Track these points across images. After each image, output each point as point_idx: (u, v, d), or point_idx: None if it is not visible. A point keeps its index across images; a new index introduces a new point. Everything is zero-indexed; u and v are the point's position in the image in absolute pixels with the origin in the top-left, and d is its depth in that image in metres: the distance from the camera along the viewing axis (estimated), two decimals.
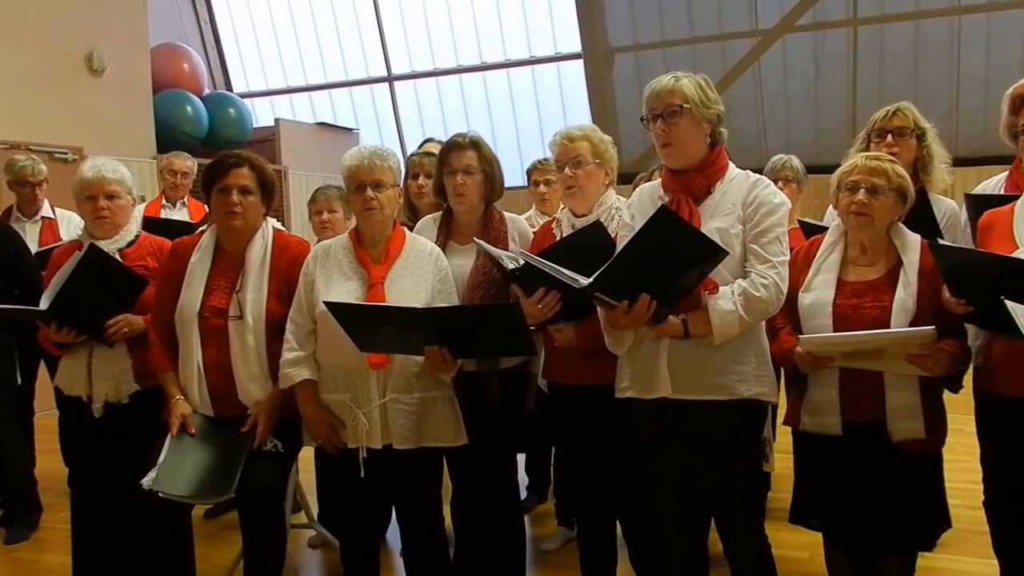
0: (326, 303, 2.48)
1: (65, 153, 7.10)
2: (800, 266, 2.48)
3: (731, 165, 2.43)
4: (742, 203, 2.33)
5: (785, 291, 2.30)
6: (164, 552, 2.73)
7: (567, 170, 2.70)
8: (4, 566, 3.77)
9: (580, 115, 8.95)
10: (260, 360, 2.69)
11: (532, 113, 9.72)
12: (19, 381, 4.09)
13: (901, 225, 2.41)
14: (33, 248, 4.16)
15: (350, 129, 10.27)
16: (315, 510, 3.81)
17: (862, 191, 2.34)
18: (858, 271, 2.40)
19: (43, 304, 2.82)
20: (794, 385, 2.47)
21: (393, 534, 3.19)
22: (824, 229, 2.71)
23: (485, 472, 2.87)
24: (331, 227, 3.66)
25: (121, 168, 3.05)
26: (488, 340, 2.51)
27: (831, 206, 3.34)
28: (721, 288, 2.27)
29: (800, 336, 2.33)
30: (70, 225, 4.56)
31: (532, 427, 3.09)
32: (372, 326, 2.46)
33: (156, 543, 2.71)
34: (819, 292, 2.39)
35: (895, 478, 2.32)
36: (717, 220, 2.32)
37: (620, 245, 2.43)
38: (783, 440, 3.56)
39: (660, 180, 2.50)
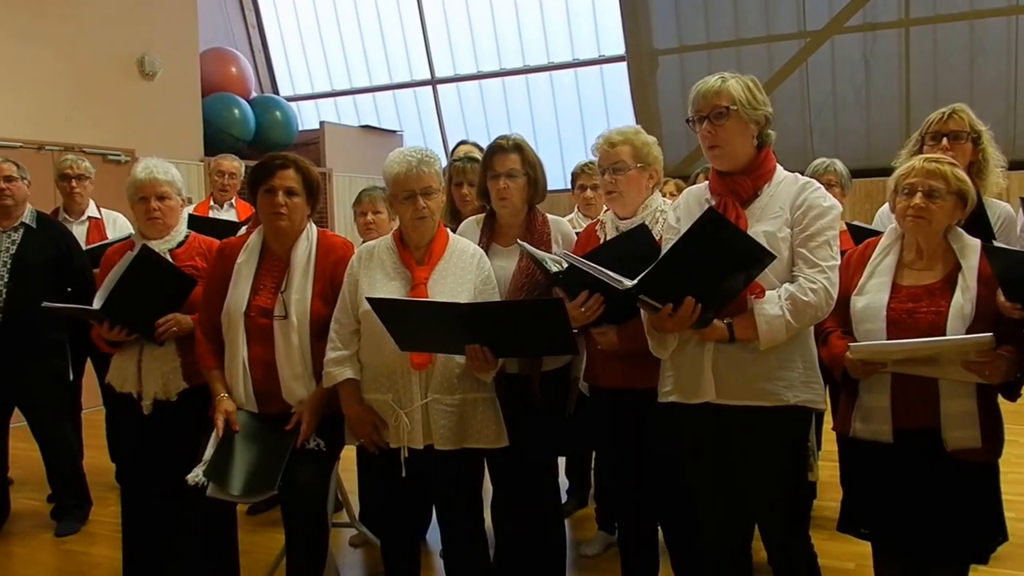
0: (368, 299, 2.49)
1: (118, 155, 7.25)
2: (853, 269, 2.43)
3: (779, 168, 2.39)
4: (790, 206, 2.29)
5: (835, 297, 2.25)
6: (209, 547, 2.76)
7: (607, 176, 2.68)
8: (55, 558, 3.85)
9: (623, 118, 8.86)
10: (304, 359, 2.71)
11: (575, 116, 9.68)
12: (71, 377, 4.18)
13: (959, 229, 2.35)
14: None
15: (394, 131, 10.33)
16: (356, 509, 3.83)
17: (919, 194, 2.28)
18: (914, 275, 2.34)
19: (96, 303, 2.88)
20: (845, 390, 2.42)
21: (433, 535, 3.19)
22: (873, 232, 2.66)
23: (526, 475, 2.86)
24: (376, 228, 3.68)
25: (172, 170, 3.11)
26: (530, 338, 2.49)
27: (881, 209, 3.28)
28: (768, 293, 2.23)
29: (850, 344, 2.27)
30: (115, 225, 4.64)
31: (573, 430, 3.08)
32: (414, 323, 2.46)
33: (201, 538, 2.74)
34: (873, 296, 2.34)
35: (949, 488, 2.25)
36: (764, 223, 2.28)
37: (665, 248, 2.41)
38: (828, 448, 3.50)
39: (707, 182, 2.46)
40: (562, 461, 3.89)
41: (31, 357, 3.88)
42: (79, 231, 4.52)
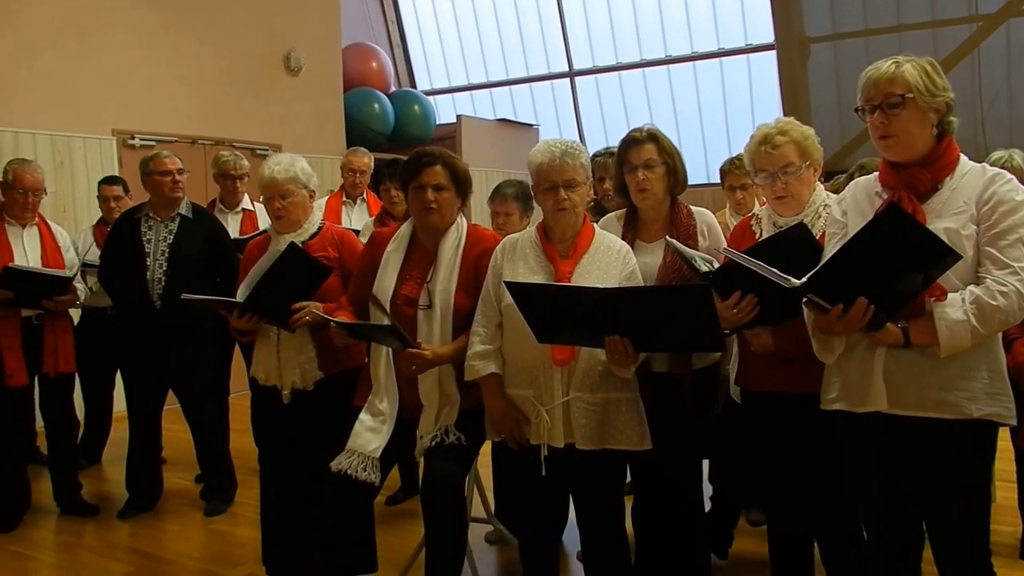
0: (506, 283, 2.45)
1: (265, 149, 7.52)
2: None
3: (963, 158, 2.17)
4: (976, 201, 2.07)
5: None
6: (347, 533, 2.77)
7: (779, 182, 2.52)
8: (204, 536, 4.02)
9: (770, 109, 8.56)
10: None
11: (718, 108, 9.37)
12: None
13: None
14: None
15: (530, 125, 10.31)
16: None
17: None
18: None
19: (240, 296, 2.98)
20: None
21: (568, 536, 3.11)
22: None
23: (669, 479, 2.77)
24: (505, 231, 3.60)
25: (296, 165, 3.13)
26: (673, 330, 2.36)
27: None
28: (950, 295, 2.02)
29: None
30: (267, 218, 4.79)
31: (720, 434, 2.96)
32: (551, 310, 2.38)
33: (339, 524, 2.75)
34: None
35: None
36: (945, 219, 2.07)
37: (830, 244, 2.25)
38: (1000, 467, 3.21)
39: (876, 174, 2.26)
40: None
41: (187, 343, 4.05)
42: (233, 222, 4.73)
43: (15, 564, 3.67)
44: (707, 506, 3.31)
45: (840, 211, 2.29)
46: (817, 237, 2.40)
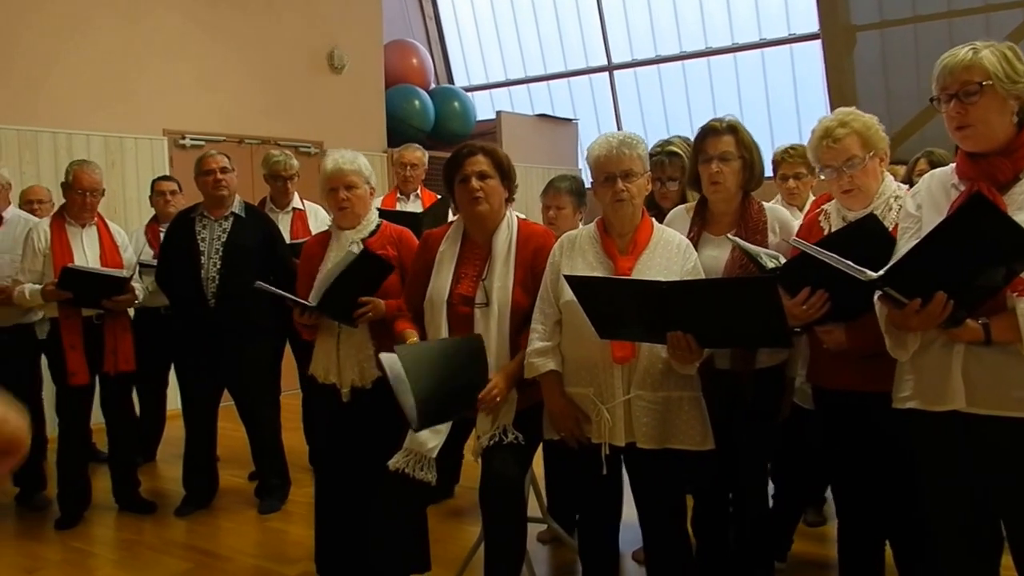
0: (566, 276, 2.43)
1: (308, 147, 7.56)
2: None
3: None
4: None
5: None
6: (399, 531, 2.77)
7: (844, 177, 2.46)
8: (259, 533, 4.05)
9: (814, 100, 8.42)
10: (503, 348, 2.67)
11: (760, 100, 9.23)
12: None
13: None
14: (285, 237, 4.44)
15: (569, 120, 10.25)
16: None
17: None
18: None
19: (312, 300, 3.00)
20: None
21: (622, 536, 3.07)
22: None
23: (731, 479, 2.74)
24: (556, 224, 3.58)
25: (359, 159, 3.16)
26: (737, 325, 2.30)
27: None
28: None
29: None
30: (317, 217, 4.80)
31: (787, 435, 2.92)
32: (612, 305, 2.35)
33: (392, 522, 2.75)
34: None
35: None
36: None
37: (903, 239, 2.18)
38: None
39: (953, 166, 2.20)
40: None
41: (242, 342, 4.08)
42: (284, 221, 4.73)
43: (78, 560, 3.73)
44: None
45: (914, 205, 2.23)
46: (889, 229, 2.33)
